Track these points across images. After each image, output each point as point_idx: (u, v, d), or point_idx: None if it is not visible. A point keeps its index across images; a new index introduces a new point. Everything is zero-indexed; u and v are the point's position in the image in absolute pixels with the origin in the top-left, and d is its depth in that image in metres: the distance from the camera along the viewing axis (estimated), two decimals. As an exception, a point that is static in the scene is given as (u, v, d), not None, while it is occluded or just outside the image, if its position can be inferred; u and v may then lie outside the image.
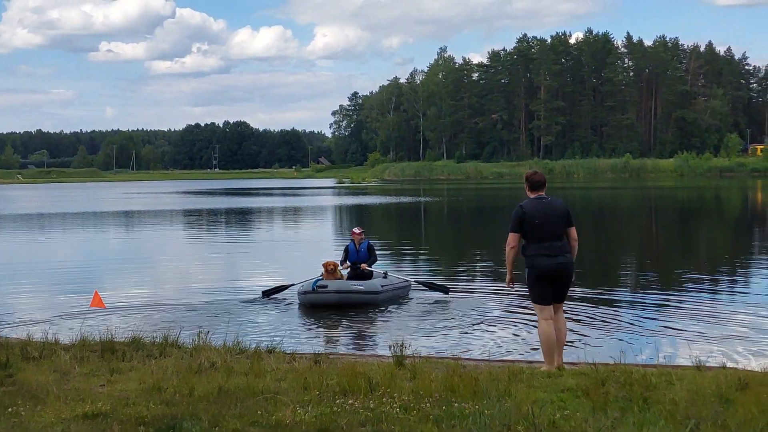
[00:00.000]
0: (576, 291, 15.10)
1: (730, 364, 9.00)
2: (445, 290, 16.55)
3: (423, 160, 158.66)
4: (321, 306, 15.23)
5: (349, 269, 16.69)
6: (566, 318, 9.37)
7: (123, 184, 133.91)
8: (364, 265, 16.62)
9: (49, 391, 7.18)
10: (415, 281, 17.30)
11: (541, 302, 8.70)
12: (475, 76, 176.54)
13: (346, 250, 17.02)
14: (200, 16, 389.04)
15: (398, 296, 16.36)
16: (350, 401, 6.65)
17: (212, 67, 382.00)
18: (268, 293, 16.74)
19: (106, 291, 16.64)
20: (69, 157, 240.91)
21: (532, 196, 8.77)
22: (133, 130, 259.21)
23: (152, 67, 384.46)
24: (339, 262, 16.71)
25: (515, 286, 8.98)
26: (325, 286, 15.40)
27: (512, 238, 8.64)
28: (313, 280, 15.82)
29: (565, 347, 9.10)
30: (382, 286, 15.90)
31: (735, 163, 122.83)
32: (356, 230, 17.18)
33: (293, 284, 16.55)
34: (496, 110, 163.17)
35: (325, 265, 16.13)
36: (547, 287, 8.61)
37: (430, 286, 16.83)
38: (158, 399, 6.92)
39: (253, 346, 9.70)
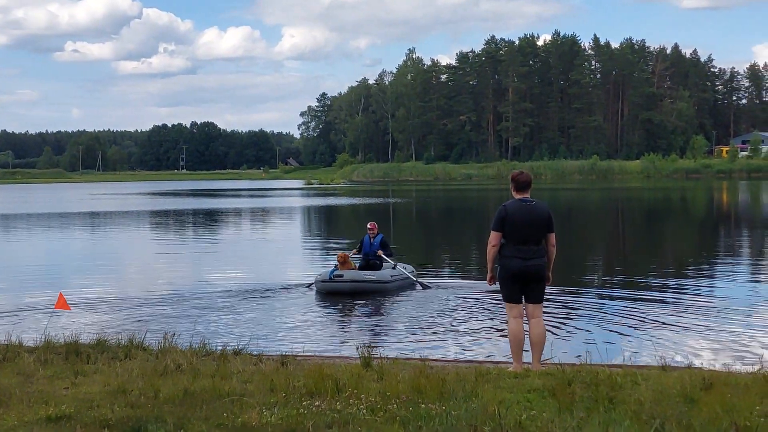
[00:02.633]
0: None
1: (694, 364, 9.07)
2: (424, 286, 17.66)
3: (391, 162, 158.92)
4: (336, 293, 16.72)
5: (360, 258, 18.32)
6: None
7: (89, 185, 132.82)
8: (380, 252, 18.10)
9: (12, 394, 7.09)
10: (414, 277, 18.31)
11: (511, 301, 8.73)
12: (443, 77, 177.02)
13: (361, 243, 18.49)
14: (167, 16, 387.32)
15: (406, 286, 17.61)
16: (317, 403, 6.62)
17: (179, 67, 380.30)
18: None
19: (71, 293, 16.49)
20: (34, 157, 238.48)
21: (517, 196, 8.75)
22: (99, 131, 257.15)
23: (119, 68, 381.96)
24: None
25: (495, 284, 8.98)
26: (341, 276, 16.97)
27: (494, 237, 8.66)
28: (330, 270, 17.28)
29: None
30: (391, 276, 17.41)
31: (701, 165, 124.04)
32: (370, 225, 18.60)
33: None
34: (464, 112, 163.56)
35: (339, 257, 17.71)
36: (517, 287, 8.65)
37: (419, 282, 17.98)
38: (123, 401, 6.85)
39: (220, 347, 9.64)
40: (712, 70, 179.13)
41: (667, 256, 25.14)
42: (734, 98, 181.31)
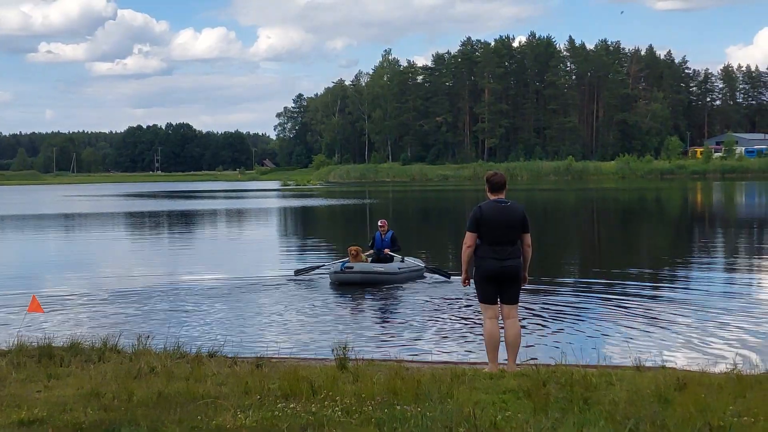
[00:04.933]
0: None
1: (668, 365, 9.11)
2: (447, 275, 18.68)
3: (368, 163, 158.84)
4: (348, 284, 18.03)
5: (372, 253, 19.39)
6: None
7: (63, 187, 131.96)
8: (387, 250, 19.22)
9: (-16, 398, 7.03)
10: (425, 267, 19.62)
11: (486, 302, 8.73)
12: (419, 78, 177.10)
13: (373, 239, 19.66)
14: (142, 17, 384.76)
15: (413, 278, 18.78)
16: (292, 405, 6.60)
17: (154, 68, 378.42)
18: (299, 272, 19.57)
19: (44, 295, 16.37)
20: (8, 159, 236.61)
21: (492, 197, 8.76)
22: (73, 132, 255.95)
23: (93, 69, 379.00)
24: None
25: (470, 285, 8.98)
26: (351, 268, 18.22)
27: (469, 238, 8.65)
28: (342, 262, 18.63)
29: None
30: (399, 269, 18.68)
31: (675, 166, 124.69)
32: (381, 222, 19.82)
33: (324, 265, 19.59)
34: (440, 113, 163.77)
35: (350, 250, 18.80)
36: (492, 287, 8.65)
37: (435, 271, 19.22)
38: (96, 405, 6.80)
39: (194, 350, 9.60)
40: (686, 71, 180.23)
41: (642, 257, 25.28)
42: (708, 100, 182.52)
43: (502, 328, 8.81)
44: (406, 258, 19.43)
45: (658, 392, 6.78)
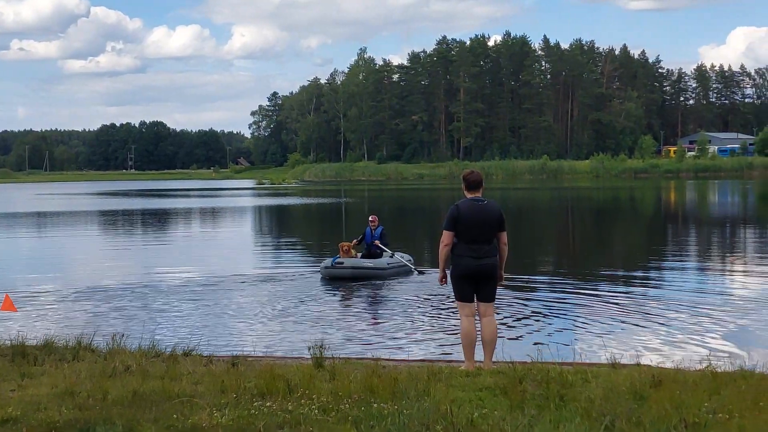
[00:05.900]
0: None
1: (644, 362, 9.16)
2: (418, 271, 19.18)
3: (344, 161, 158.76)
4: (338, 278, 18.60)
5: (363, 247, 20.06)
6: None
7: (36, 185, 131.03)
8: (377, 242, 19.87)
9: (-44, 398, 6.96)
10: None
11: (463, 300, 8.74)
12: (395, 77, 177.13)
13: (364, 234, 20.23)
14: (115, 14, 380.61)
15: (402, 273, 19.22)
16: (268, 404, 6.58)
17: (128, 66, 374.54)
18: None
19: (17, 294, 16.24)
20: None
21: (469, 195, 8.76)
22: (46, 131, 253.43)
23: (66, 66, 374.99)
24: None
25: (447, 283, 8.98)
26: (342, 263, 18.84)
27: (446, 236, 8.66)
28: (332, 258, 19.18)
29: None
30: (388, 264, 19.22)
31: (649, 165, 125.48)
32: (371, 218, 20.40)
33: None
34: (416, 112, 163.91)
35: (341, 246, 19.50)
36: (469, 286, 8.66)
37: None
38: (71, 404, 6.74)
39: (170, 348, 9.54)
40: (660, 71, 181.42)
41: (617, 255, 25.42)
42: (682, 99, 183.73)
43: (479, 326, 8.83)
44: (395, 253, 19.86)
45: (634, 389, 6.81)
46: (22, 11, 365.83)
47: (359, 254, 19.93)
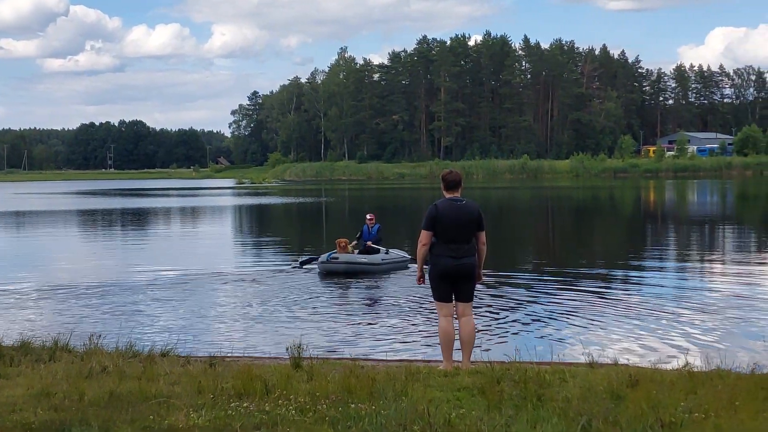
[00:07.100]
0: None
1: (621, 361, 9.19)
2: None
3: (324, 161, 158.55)
4: (333, 273, 19.31)
5: (356, 244, 20.64)
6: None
7: (14, 185, 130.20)
8: (369, 242, 20.58)
9: (-70, 399, 6.89)
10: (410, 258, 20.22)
11: (441, 300, 8.74)
12: (376, 76, 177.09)
13: (361, 231, 21.04)
14: (95, 13, 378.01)
15: (396, 269, 19.88)
16: (245, 404, 6.55)
17: (107, 65, 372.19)
18: (303, 263, 20.62)
19: (-6, 294, 16.12)
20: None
21: (447, 195, 8.75)
22: (25, 129, 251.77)
23: (45, 65, 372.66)
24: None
25: (426, 283, 8.98)
26: (337, 258, 19.54)
27: (425, 236, 8.65)
28: (329, 253, 19.78)
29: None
30: (382, 260, 19.85)
31: (628, 164, 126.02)
32: (369, 216, 21.37)
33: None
34: (397, 111, 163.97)
35: (338, 242, 20.04)
36: (448, 285, 8.66)
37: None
38: (47, 404, 6.70)
39: (147, 349, 9.50)
40: (639, 71, 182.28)
41: (596, 254, 25.51)
42: (661, 99, 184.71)
43: (457, 326, 8.83)
44: (390, 250, 20.50)
45: (611, 389, 6.83)
46: (1, 10, 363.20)
47: (356, 251, 20.41)
